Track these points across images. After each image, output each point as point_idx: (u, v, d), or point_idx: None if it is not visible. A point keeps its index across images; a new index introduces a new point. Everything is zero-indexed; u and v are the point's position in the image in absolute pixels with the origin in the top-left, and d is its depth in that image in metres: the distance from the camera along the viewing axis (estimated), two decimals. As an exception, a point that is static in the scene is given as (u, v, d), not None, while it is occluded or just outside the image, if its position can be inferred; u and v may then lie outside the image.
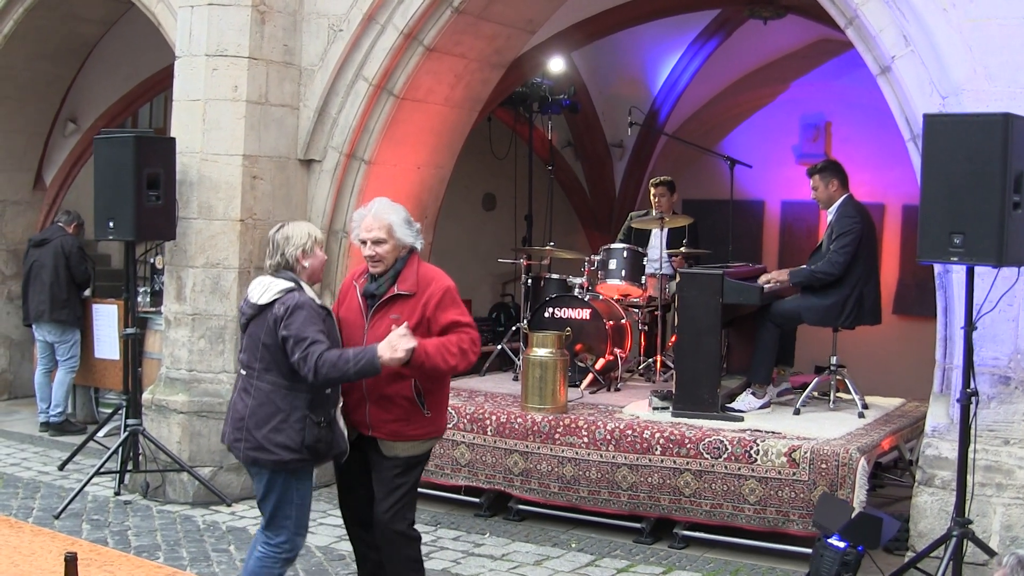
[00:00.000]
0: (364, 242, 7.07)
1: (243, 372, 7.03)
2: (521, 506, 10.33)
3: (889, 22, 8.87)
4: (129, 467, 11.02)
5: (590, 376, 11.74)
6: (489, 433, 10.37)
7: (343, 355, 6.68)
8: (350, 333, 7.12)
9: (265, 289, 7.02)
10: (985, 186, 7.28)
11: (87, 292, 14.21)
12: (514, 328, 13.48)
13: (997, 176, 7.25)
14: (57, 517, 10.18)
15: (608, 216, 19.92)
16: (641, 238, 13.15)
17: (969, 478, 7.83)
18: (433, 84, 11.63)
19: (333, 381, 6.81)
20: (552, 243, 13.64)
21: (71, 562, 5.53)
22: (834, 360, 10.80)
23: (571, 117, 19.16)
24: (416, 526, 7.19)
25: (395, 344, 6.61)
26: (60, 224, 14.21)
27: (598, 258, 12.54)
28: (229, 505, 10.75)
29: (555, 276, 12.96)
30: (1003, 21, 8.34)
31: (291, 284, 6.98)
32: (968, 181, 7.33)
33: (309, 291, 7.04)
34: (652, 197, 13.31)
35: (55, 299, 13.71)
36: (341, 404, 7.06)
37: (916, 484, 8.77)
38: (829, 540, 7.92)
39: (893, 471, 11.18)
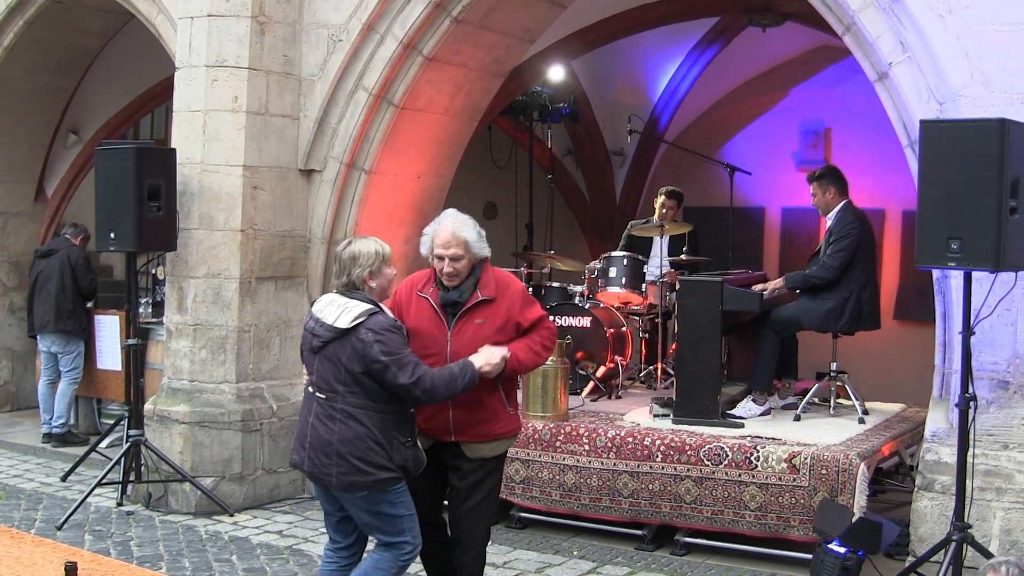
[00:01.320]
0: (441, 258, 7.15)
1: (320, 396, 6.93)
2: (523, 514, 10.33)
3: (886, 28, 8.89)
4: (131, 478, 11.03)
5: (591, 384, 11.76)
6: (490, 441, 10.37)
7: (450, 373, 6.87)
8: (427, 343, 7.14)
9: (342, 311, 6.90)
10: (982, 191, 7.29)
11: (90, 304, 14.22)
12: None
13: (994, 181, 7.26)
14: (60, 528, 10.18)
15: (609, 224, 19.92)
16: (641, 246, 13.15)
17: (968, 483, 7.84)
18: (433, 93, 11.65)
19: (442, 399, 6.93)
20: (553, 251, 13.66)
21: (71, 572, 5.57)
22: (834, 366, 10.82)
23: (571, 125, 19.17)
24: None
25: (490, 357, 6.97)
26: (67, 236, 14.23)
27: (598, 266, 12.55)
28: (231, 515, 10.77)
29: (556, 284, 12.96)
30: (999, 27, 8.36)
31: (371, 306, 6.91)
32: (965, 187, 7.34)
33: (388, 312, 7.04)
34: (659, 207, 13.28)
35: (60, 309, 13.73)
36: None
37: (916, 489, 8.77)
38: (830, 546, 7.95)
39: (894, 476, 11.18)
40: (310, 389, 7.02)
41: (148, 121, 19.54)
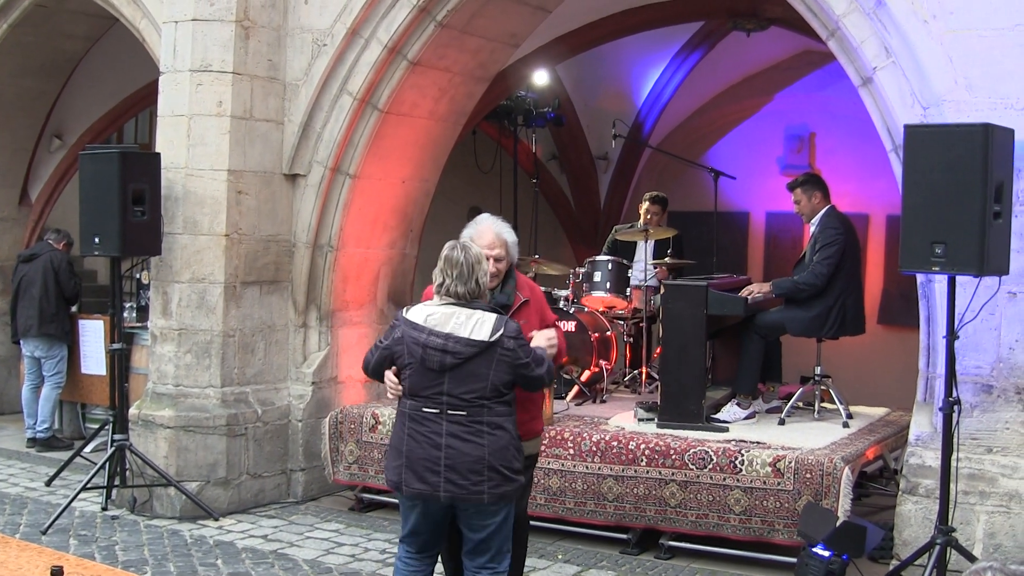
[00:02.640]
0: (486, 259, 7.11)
1: (459, 413, 6.72)
2: (508, 518, 10.33)
3: (870, 34, 8.92)
4: (116, 482, 11.00)
5: (576, 388, 11.77)
6: (475, 445, 10.36)
7: (542, 355, 6.98)
8: None
9: (478, 323, 6.72)
10: (966, 196, 7.32)
11: (74, 308, 14.21)
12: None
13: (978, 186, 7.30)
14: (44, 533, 10.15)
15: (593, 228, 19.95)
16: (626, 250, 13.17)
17: (952, 486, 7.87)
18: (417, 98, 11.66)
19: (552, 377, 7.24)
20: (537, 256, 13.66)
21: (57, 575, 5.54)
22: (818, 370, 10.84)
23: (556, 130, 19.19)
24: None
25: (549, 338, 7.14)
26: (50, 241, 14.21)
27: (583, 270, 12.56)
28: (216, 519, 10.75)
29: (540, 289, 12.93)
30: (983, 32, 8.39)
31: (499, 313, 6.86)
32: (949, 191, 7.38)
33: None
34: (644, 212, 13.29)
35: (44, 313, 13.72)
36: None
37: (900, 493, 8.80)
38: (814, 549, 7.96)
39: (878, 480, 11.19)
40: (428, 409, 6.76)
41: (132, 125, 19.55)
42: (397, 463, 6.83)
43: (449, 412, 6.70)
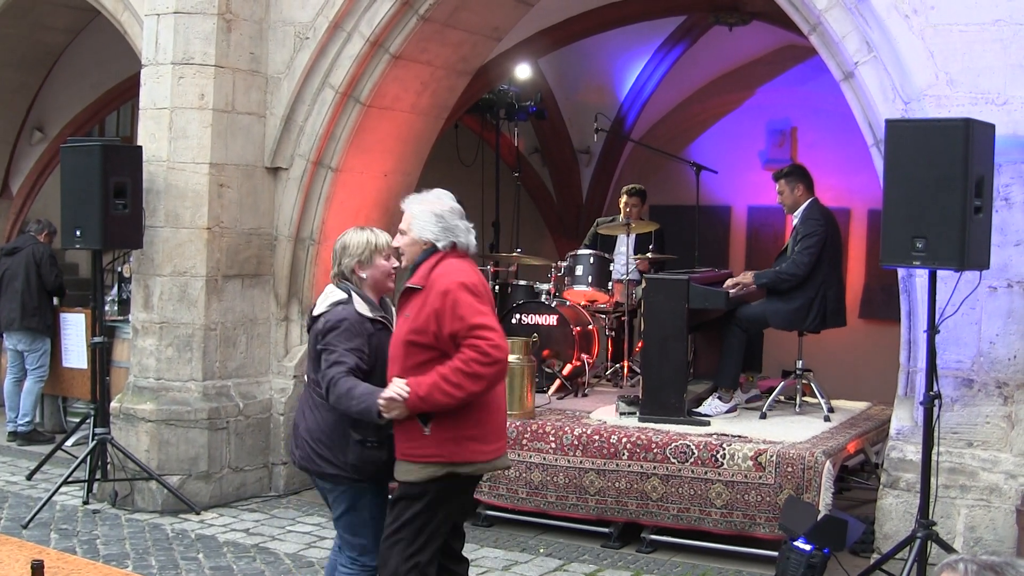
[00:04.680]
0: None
1: (307, 384, 6.87)
2: (489, 511, 10.33)
3: (852, 28, 8.94)
4: (97, 476, 10.98)
5: (557, 382, 11.77)
6: (457, 439, 10.36)
7: (355, 389, 6.26)
8: None
9: (323, 300, 6.74)
10: (947, 191, 7.33)
11: (56, 300, 14.17)
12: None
13: (958, 181, 7.31)
14: (25, 527, 10.13)
15: (575, 222, 19.97)
16: (607, 244, 13.19)
17: (933, 480, 7.88)
18: (399, 91, 11.65)
19: (339, 408, 6.41)
20: (519, 249, 13.68)
21: (37, 570, 5.53)
22: (800, 364, 10.86)
23: (538, 124, 19.21)
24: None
25: (387, 404, 6.12)
26: (32, 233, 14.17)
27: (565, 264, 12.57)
28: (198, 513, 10.74)
29: (522, 282, 12.97)
30: (964, 27, 8.41)
31: (343, 296, 6.69)
32: (930, 186, 7.38)
33: (359, 303, 6.66)
34: (623, 205, 13.33)
35: (26, 307, 13.67)
36: None
37: (881, 486, 8.82)
38: (795, 543, 7.98)
39: (859, 474, 11.22)
40: None
41: (114, 118, 19.51)
42: None
43: (306, 382, 6.88)
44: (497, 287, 12.96)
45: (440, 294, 6.15)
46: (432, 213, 6.44)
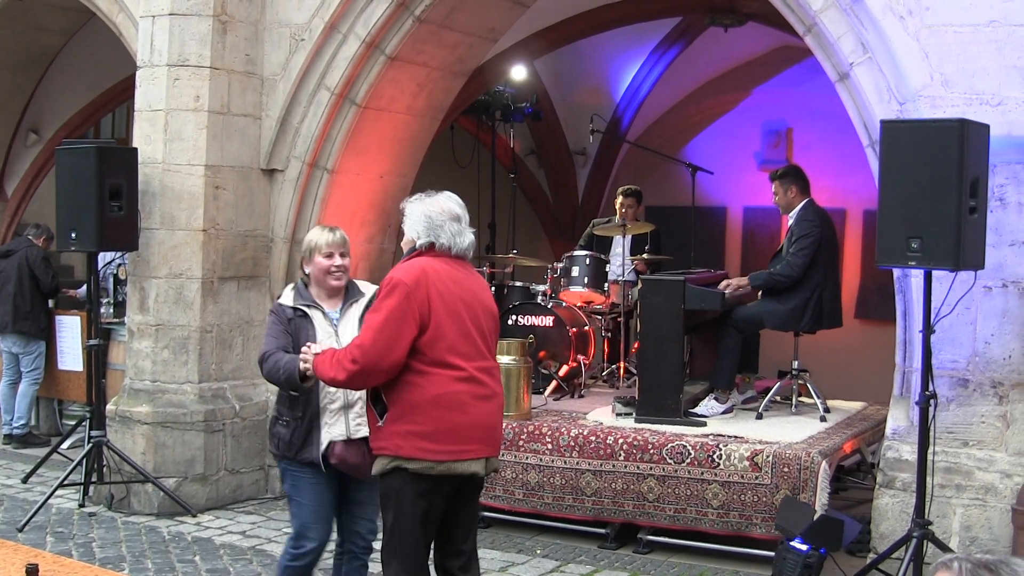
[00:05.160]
0: None
1: None
2: (486, 513, 10.29)
3: (847, 29, 8.94)
4: (93, 479, 10.98)
5: (554, 383, 11.78)
6: (453, 441, 10.36)
7: (280, 360, 6.74)
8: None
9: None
10: (942, 191, 7.33)
11: (51, 303, 14.16)
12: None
13: (953, 181, 7.31)
14: (21, 530, 10.11)
15: (571, 223, 19.94)
16: (603, 245, 13.20)
17: (929, 480, 7.89)
18: (395, 93, 11.64)
19: (272, 381, 6.96)
20: (515, 251, 13.67)
21: (32, 574, 5.52)
22: (796, 364, 10.87)
23: (534, 125, 19.18)
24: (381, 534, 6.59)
25: (304, 356, 6.60)
26: (29, 237, 14.15)
27: (561, 265, 12.57)
28: (194, 515, 10.73)
29: (518, 284, 12.98)
30: (959, 28, 8.42)
31: (286, 290, 7.22)
32: (925, 186, 7.39)
33: (287, 294, 7.10)
34: (619, 206, 13.34)
35: (19, 310, 13.66)
36: (336, 417, 6.88)
37: (877, 486, 8.82)
38: (792, 543, 7.97)
39: (855, 474, 11.24)
40: None
41: (109, 120, 19.49)
42: None
43: None
44: (493, 288, 12.97)
45: (381, 286, 6.38)
46: (422, 213, 6.53)
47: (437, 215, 6.53)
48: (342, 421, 6.86)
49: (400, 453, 6.26)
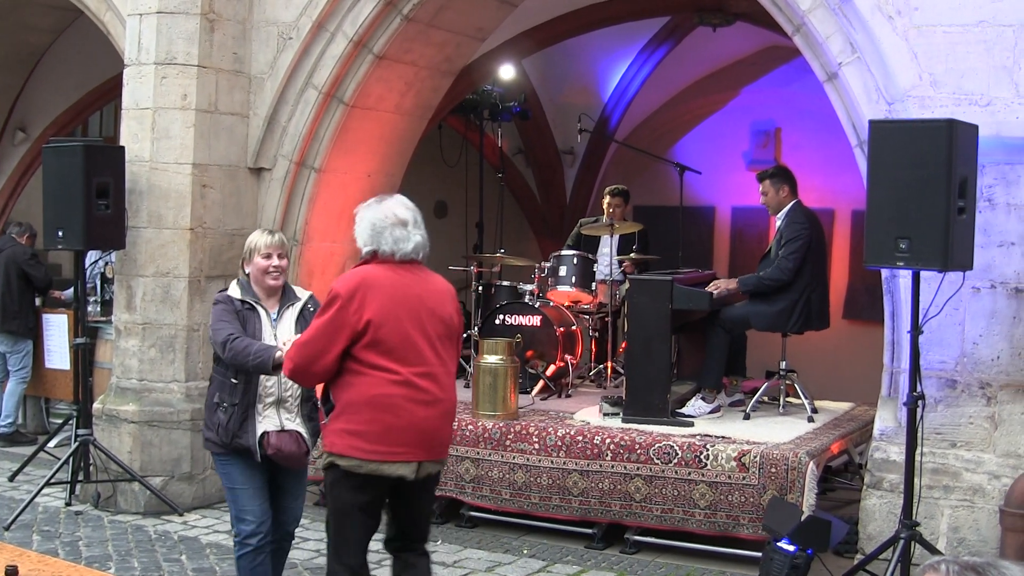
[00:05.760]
0: None
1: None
2: (473, 513, 10.32)
3: (835, 29, 8.94)
4: (80, 477, 10.95)
5: (541, 383, 11.76)
6: (441, 440, 10.34)
7: (251, 346, 7.04)
8: None
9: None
10: (930, 191, 7.33)
11: (39, 301, 14.13)
12: (465, 335, 13.42)
13: (942, 181, 7.30)
14: (7, 529, 10.09)
15: (559, 223, 19.93)
16: (590, 244, 13.19)
17: (916, 481, 7.88)
18: (383, 92, 11.63)
19: (236, 363, 7.08)
20: (503, 250, 13.66)
21: (12, 574, 5.49)
22: (783, 365, 10.86)
23: (522, 124, 19.19)
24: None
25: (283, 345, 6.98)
26: (12, 235, 14.12)
27: (548, 265, 12.56)
28: (181, 514, 10.70)
29: (506, 283, 12.97)
30: (948, 29, 8.42)
31: (232, 285, 7.51)
32: (914, 187, 7.38)
33: (233, 288, 7.44)
34: (606, 206, 13.34)
35: (7, 309, 13.63)
36: (271, 407, 7.24)
37: (865, 487, 8.82)
38: (779, 544, 7.96)
39: (843, 474, 11.22)
40: None
41: (97, 119, 19.46)
42: None
43: None
44: (481, 288, 12.97)
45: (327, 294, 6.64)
46: (368, 220, 6.74)
47: (380, 221, 6.68)
48: (274, 414, 7.22)
49: (334, 449, 6.50)
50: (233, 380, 7.18)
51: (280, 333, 7.27)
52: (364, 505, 6.53)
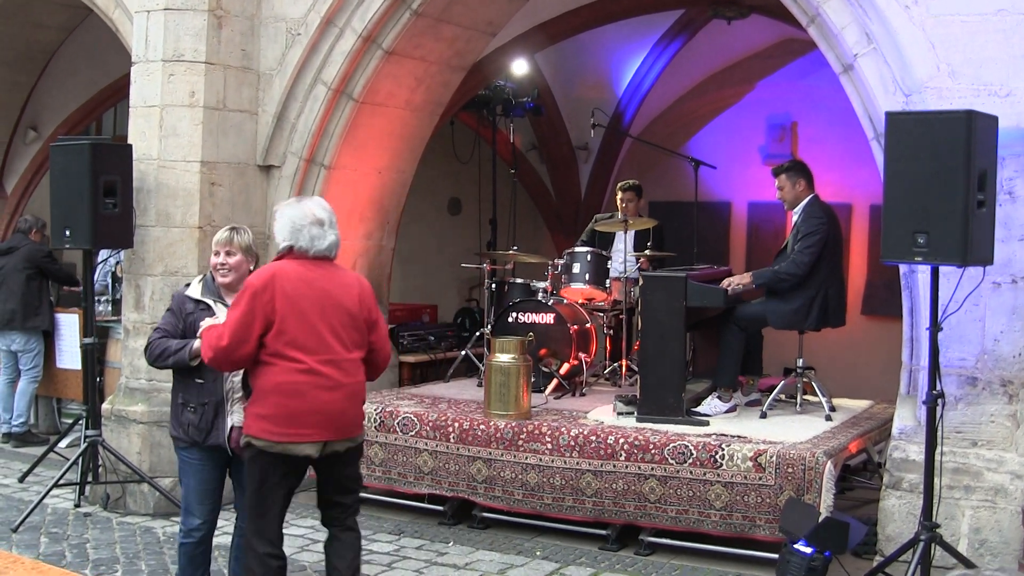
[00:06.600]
0: None
1: None
2: (485, 514, 10.24)
3: (851, 20, 8.82)
4: (89, 479, 10.88)
5: (554, 381, 11.66)
6: (452, 440, 10.26)
7: (169, 347, 7.55)
8: None
9: None
10: (949, 185, 7.23)
11: (53, 299, 14.10)
12: (478, 334, 13.35)
13: (961, 174, 7.20)
14: (15, 530, 10.04)
15: (574, 219, 19.83)
16: (605, 241, 13.08)
17: (936, 481, 7.78)
18: (393, 88, 11.54)
19: (158, 365, 7.66)
20: (516, 247, 13.56)
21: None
22: (801, 362, 10.73)
23: (535, 120, 19.09)
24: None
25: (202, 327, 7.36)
26: (23, 231, 14.06)
27: (562, 262, 12.45)
28: (190, 516, 10.62)
29: (519, 280, 12.88)
30: (966, 18, 8.30)
31: (195, 281, 7.85)
32: (931, 180, 7.28)
33: (194, 286, 7.80)
34: (619, 201, 13.23)
35: (28, 306, 13.61)
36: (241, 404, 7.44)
37: (884, 487, 8.72)
38: (796, 545, 7.86)
39: (862, 474, 11.13)
40: None
41: (111, 116, 19.37)
42: None
43: None
44: (494, 285, 12.88)
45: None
46: (287, 218, 7.17)
47: (300, 220, 7.13)
48: (240, 409, 7.41)
49: (249, 432, 7.06)
50: (198, 380, 7.54)
51: None
52: (277, 481, 7.10)
